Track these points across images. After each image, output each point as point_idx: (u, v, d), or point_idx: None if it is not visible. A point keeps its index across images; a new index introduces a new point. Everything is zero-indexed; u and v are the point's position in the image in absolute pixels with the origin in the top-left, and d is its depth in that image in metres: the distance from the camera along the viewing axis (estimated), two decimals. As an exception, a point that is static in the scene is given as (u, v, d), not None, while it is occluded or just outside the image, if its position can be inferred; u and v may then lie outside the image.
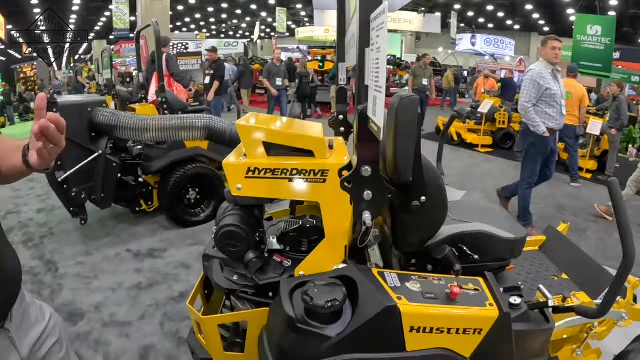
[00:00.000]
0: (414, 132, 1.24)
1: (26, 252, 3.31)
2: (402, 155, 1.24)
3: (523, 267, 2.01)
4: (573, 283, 1.87)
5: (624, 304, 1.62)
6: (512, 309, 1.24)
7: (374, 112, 1.01)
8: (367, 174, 1.13)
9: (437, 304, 1.15)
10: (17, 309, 1.05)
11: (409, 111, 1.22)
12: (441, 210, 1.45)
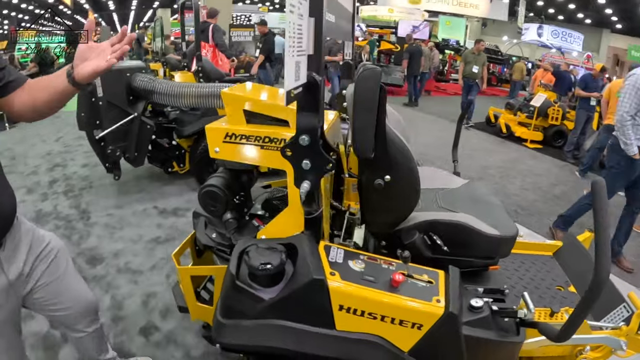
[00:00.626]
0: (374, 105, 1.19)
1: (65, 201, 3.66)
2: (360, 129, 1.21)
3: (528, 272, 1.87)
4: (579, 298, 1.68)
5: (626, 331, 1.47)
6: (471, 311, 1.16)
7: (297, 78, 0.95)
8: (305, 143, 1.09)
9: (373, 288, 1.10)
10: (9, 239, 1.19)
11: (369, 83, 1.18)
12: (410, 193, 1.37)
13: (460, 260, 1.40)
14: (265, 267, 1.08)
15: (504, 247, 1.48)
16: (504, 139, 7.27)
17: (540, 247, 2.07)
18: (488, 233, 1.40)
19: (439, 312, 1.08)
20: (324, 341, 1.11)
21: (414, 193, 1.37)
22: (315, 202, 1.19)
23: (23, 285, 1.25)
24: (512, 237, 1.46)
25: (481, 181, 4.51)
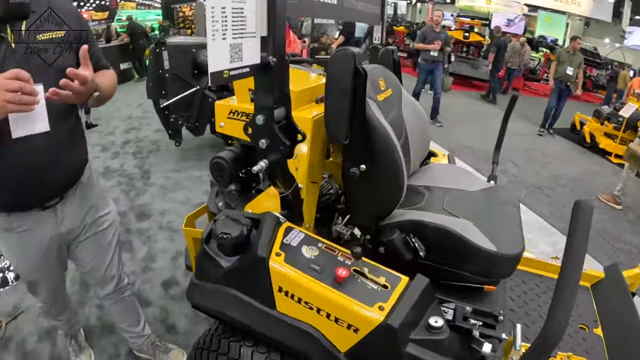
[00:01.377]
0: (347, 89, 1.14)
1: (132, 160, 4.09)
2: (331, 112, 1.19)
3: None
4: (601, 343, 1.44)
5: None
6: (428, 329, 1.03)
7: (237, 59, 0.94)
8: (260, 122, 1.07)
9: (314, 278, 1.05)
10: (73, 195, 1.35)
11: (341, 66, 1.14)
12: (391, 187, 1.27)
13: (448, 271, 1.28)
14: (224, 236, 1.12)
15: (502, 266, 1.26)
16: (586, 149, 6.49)
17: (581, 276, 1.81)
18: (481, 247, 1.21)
19: (376, 321, 0.98)
20: (266, 320, 1.12)
21: (395, 187, 1.28)
22: (282, 182, 1.20)
23: (70, 238, 1.43)
24: (512, 257, 1.24)
25: (547, 191, 4.14)
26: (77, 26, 1.23)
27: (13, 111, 0.99)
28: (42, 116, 1.13)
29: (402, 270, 1.15)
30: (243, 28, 0.93)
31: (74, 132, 1.30)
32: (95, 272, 1.58)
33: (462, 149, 5.09)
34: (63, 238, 1.39)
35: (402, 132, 1.49)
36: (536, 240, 3.06)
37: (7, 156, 1.12)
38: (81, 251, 1.49)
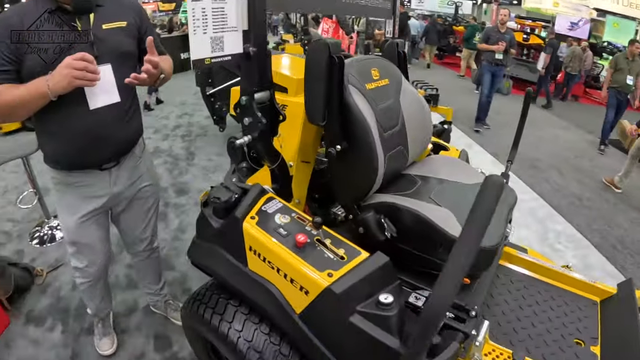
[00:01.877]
0: (322, 75, 1.25)
1: (181, 142, 4.45)
2: (309, 96, 1.30)
3: (551, 310, 1.54)
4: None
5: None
6: (377, 305, 1.06)
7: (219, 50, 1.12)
8: (243, 103, 1.22)
9: (277, 241, 1.16)
10: (127, 161, 1.59)
11: (316, 54, 1.25)
12: (366, 168, 1.33)
13: (422, 257, 1.32)
14: (214, 200, 1.29)
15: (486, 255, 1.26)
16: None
17: (588, 287, 1.65)
18: (449, 234, 1.23)
19: (322, 285, 1.05)
20: (239, 276, 1.26)
21: (370, 169, 1.34)
22: (266, 157, 1.34)
23: (117, 201, 1.66)
24: (483, 249, 1.22)
25: (588, 203, 3.89)
26: (137, 18, 1.47)
27: (79, 85, 1.23)
28: (113, 90, 1.40)
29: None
30: (224, 24, 1.10)
31: (133, 106, 1.55)
32: (131, 232, 1.82)
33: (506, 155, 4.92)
34: (113, 198, 1.60)
35: (397, 120, 1.53)
36: (565, 252, 2.93)
37: (82, 123, 1.36)
38: (124, 213, 1.72)
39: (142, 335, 2.08)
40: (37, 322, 2.20)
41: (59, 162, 1.47)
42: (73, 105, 1.32)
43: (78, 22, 1.31)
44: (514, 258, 1.75)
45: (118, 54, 1.39)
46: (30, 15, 1.27)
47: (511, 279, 1.68)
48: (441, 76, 9.85)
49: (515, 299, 1.56)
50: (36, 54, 1.25)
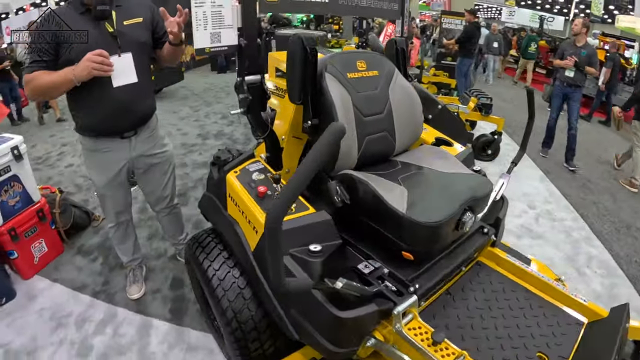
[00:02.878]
0: (298, 63, 1.46)
1: (242, 129, 4.99)
2: (289, 80, 1.52)
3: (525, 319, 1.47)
4: None
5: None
6: (308, 253, 1.22)
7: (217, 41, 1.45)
8: (237, 83, 1.51)
9: (246, 189, 1.43)
10: (143, 132, 1.96)
11: (293, 46, 1.46)
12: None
13: (373, 228, 1.41)
14: (216, 159, 1.65)
15: (409, 231, 1.31)
16: None
17: (578, 305, 1.54)
18: (390, 205, 1.31)
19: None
20: (221, 218, 1.54)
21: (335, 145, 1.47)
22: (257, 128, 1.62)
23: (136, 164, 2.03)
24: (418, 224, 1.27)
25: (636, 233, 3.58)
26: (151, 14, 1.83)
27: (97, 75, 1.61)
28: (132, 72, 1.76)
29: (347, 224, 1.43)
30: (221, 22, 1.41)
31: (148, 86, 1.92)
32: (153, 192, 2.18)
33: (559, 174, 4.64)
34: (132, 161, 1.98)
35: (383, 108, 1.67)
36: (591, 277, 2.75)
37: (107, 98, 1.74)
38: (144, 175, 2.09)
39: (162, 276, 2.46)
40: (84, 254, 2.68)
41: (89, 130, 1.86)
42: (101, 84, 1.68)
43: (106, 25, 1.69)
44: (502, 260, 1.71)
45: (137, 44, 1.76)
46: (66, 16, 1.65)
47: (492, 279, 1.65)
48: (513, 90, 9.44)
49: (487, 299, 1.54)
50: (71, 47, 1.63)
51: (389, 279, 1.32)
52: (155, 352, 1.93)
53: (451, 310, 1.45)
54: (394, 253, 1.40)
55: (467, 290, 1.57)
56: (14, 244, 2.33)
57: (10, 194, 2.34)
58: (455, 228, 1.39)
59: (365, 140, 1.60)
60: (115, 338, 2.02)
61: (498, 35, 9.72)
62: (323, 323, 1.14)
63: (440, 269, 1.45)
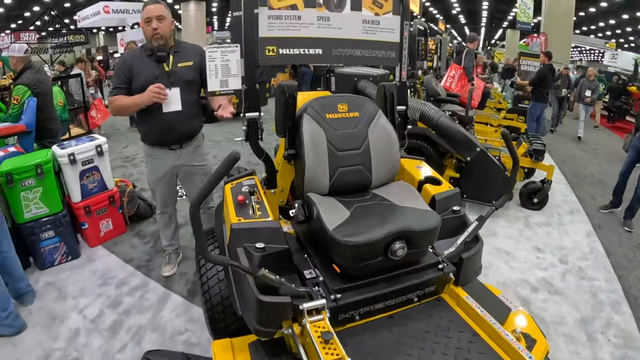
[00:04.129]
0: (281, 105, 1.83)
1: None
2: (276, 118, 1.88)
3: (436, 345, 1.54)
4: None
5: None
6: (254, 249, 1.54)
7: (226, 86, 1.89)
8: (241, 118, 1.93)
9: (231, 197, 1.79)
10: (188, 146, 2.53)
11: (278, 92, 1.82)
12: (300, 171, 1.83)
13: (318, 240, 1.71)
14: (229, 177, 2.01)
15: (332, 246, 1.55)
16: None
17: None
18: (323, 222, 1.59)
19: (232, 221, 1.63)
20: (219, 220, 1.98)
21: (302, 172, 1.82)
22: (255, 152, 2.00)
23: (179, 171, 2.58)
24: (338, 241, 1.50)
25: None
26: (200, 59, 2.37)
27: (155, 102, 2.24)
28: (178, 102, 2.34)
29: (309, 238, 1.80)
30: (228, 72, 1.87)
31: (193, 113, 2.46)
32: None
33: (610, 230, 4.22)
34: (176, 168, 2.55)
35: (360, 145, 1.94)
36: (603, 345, 2.54)
37: (158, 120, 2.34)
38: (185, 181, 2.64)
39: (192, 264, 2.94)
40: (140, 237, 3.34)
41: (146, 140, 2.49)
42: (156, 109, 2.29)
43: (165, 65, 2.30)
44: (461, 300, 1.75)
45: (184, 82, 2.34)
46: (137, 57, 2.31)
47: (443, 316, 1.70)
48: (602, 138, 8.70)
49: (427, 331, 1.61)
50: (139, 79, 2.27)
51: (322, 286, 1.58)
52: (165, 317, 2.44)
53: (384, 332, 1.59)
54: (331, 266, 1.66)
55: (411, 319, 1.66)
56: (87, 218, 3.07)
57: (90, 180, 3.08)
58: (385, 254, 1.57)
59: (338, 171, 1.88)
60: (140, 301, 2.57)
61: (594, 82, 8.51)
62: (251, 303, 1.47)
63: (374, 289, 1.61)
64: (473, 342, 1.56)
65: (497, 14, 22.79)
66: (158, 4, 2.29)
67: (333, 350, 1.25)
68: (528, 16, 14.40)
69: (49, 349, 2.22)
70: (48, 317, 2.45)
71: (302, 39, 1.94)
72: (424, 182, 2.09)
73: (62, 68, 7.35)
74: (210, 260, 1.34)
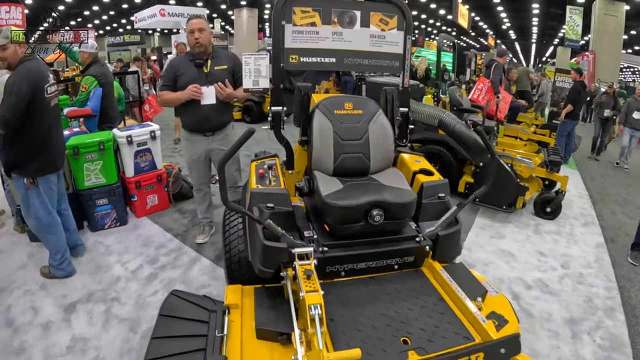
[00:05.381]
0: (298, 101, 2.28)
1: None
2: (295, 112, 2.32)
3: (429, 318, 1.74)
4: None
5: None
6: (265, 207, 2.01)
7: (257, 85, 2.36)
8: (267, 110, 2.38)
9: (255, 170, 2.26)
10: (219, 134, 3.02)
11: (296, 91, 2.28)
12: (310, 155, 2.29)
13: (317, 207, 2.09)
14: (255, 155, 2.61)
15: (322, 208, 1.97)
16: None
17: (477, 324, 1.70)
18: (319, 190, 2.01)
19: (252, 187, 2.11)
20: (246, 190, 2.41)
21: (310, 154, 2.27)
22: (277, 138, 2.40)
23: (211, 154, 3.05)
24: (328, 204, 1.91)
25: None
26: (233, 64, 2.87)
27: (193, 97, 2.74)
28: (213, 98, 2.79)
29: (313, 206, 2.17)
30: (259, 73, 2.32)
31: (225, 107, 2.94)
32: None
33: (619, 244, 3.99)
34: (209, 151, 3.02)
35: (362, 136, 2.32)
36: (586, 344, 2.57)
37: (196, 111, 2.83)
38: (216, 161, 3.07)
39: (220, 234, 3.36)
40: (181, 212, 3.87)
41: (186, 127, 2.99)
42: (194, 103, 2.78)
43: (204, 68, 2.78)
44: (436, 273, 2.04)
45: (219, 82, 2.79)
46: (182, 61, 2.84)
47: (417, 282, 1.99)
48: None
49: (400, 292, 1.89)
50: (182, 79, 2.78)
51: (315, 242, 1.97)
52: (193, 274, 2.92)
53: (362, 288, 1.92)
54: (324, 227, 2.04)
55: (389, 282, 1.97)
56: (137, 191, 3.62)
57: (143, 159, 3.63)
58: (365, 219, 1.94)
59: (341, 156, 2.28)
60: (175, 261, 3.07)
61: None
62: (258, 248, 1.87)
63: (356, 249, 1.97)
64: (437, 305, 1.83)
65: (548, 30, 22.24)
66: (199, 19, 2.82)
67: (311, 284, 1.60)
68: (577, 34, 14.09)
69: (92, 290, 2.73)
70: (95, 267, 2.98)
71: (319, 49, 2.34)
72: (418, 172, 2.43)
73: (120, 65, 8.16)
74: (229, 207, 1.77)
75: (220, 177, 1.67)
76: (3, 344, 2.24)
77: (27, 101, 2.37)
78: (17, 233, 3.41)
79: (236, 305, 1.90)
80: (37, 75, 2.45)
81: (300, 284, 1.60)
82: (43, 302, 2.59)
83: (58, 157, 2.70)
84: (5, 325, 2.39)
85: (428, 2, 21.07)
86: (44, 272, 2.80)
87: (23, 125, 2.42)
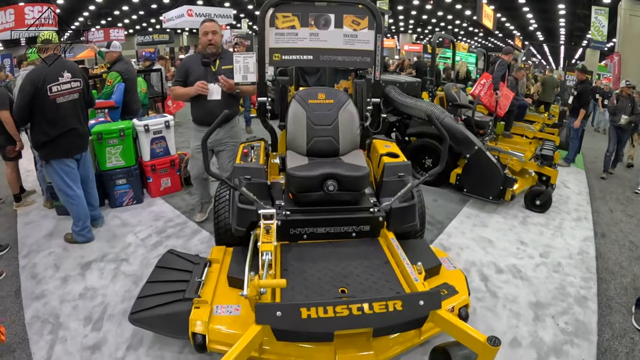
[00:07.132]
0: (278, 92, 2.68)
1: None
2: (275, 102, 2.66)
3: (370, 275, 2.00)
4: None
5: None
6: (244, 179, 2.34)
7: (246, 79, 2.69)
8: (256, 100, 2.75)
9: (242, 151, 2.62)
10: (225, 127, 3.37)
11: (276, 85, 2.68)
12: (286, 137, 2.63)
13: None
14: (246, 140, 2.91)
15: (287, 178, 2.35)
16: None
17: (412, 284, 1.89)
18: (287, 164, 2.41)
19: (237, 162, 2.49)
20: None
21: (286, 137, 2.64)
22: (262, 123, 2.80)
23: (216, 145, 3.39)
24: (288, 173, 2.30)
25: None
26: None
27: (200, 93, 3.12)
28: (219, 94, 3.16)
29: None
30: (247, 70, 2.70)
31: (230, 103, 3.26)
32: (223, 165, 3.49)
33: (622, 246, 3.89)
34: (214, 142, 3.35)
35: (332, 122, 2.66)
36: (548, 327, 2.56)
37: (204, 106, 3.20)
38: (220, 153, 3.44)
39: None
40: (190, 194, 4.34)
41: (194, 120, 3.36)
42: (202, 98, 3.15)
43: (212, 67, 3.14)
44: (389, 242, 2.29)
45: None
46: (193, 60, 3.19)
47: (370, 248, 2.25)
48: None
49: (349, 255, 2.16)
50: (192, 76, 3.13)
51: (282, 207, 2.32)
52: (194, 243, 3.40)
53: (319, 249, 2.24)
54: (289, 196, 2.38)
55: (344, 246, 2.26)
56: (152, 174, 4.09)
57: (158, 146, 4.10)
58: (322, 188, 2.24)
59: (313, 139, 2.62)
60: (179, 231, 3.56)
61: None
62: (234, 211, 2.26)
63: (315, 214, 2.30)
64: (381, 266, 2.08)
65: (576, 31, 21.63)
66: (212, 22, 3.20)
67: (268, 238, 1.96)
68: (602, 35, 13.76)
69: (106, 252, 3.23)
70: (111, 235, 3.49)
71: (298, 48, 2.70)
72: (384, 155, 2.73)
73: (148, 63, 8.75)
74: (210, 174, 2.15)
75: (203, 150, 2.03)
76: (27, 291, 2.73)
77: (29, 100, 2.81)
78: (46, 209, 3.98)
79: (217, 260, 2.29)
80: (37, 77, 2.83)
81: (259, 236, 1.96)
82: (64, 261, 3.08)
83: (69, 145, 3.09)
84: (30, 278, 2.89)
85: (453, 3, 20.96)
86: (67, 238, 3.30)
87: (32, 119, 2.90)
